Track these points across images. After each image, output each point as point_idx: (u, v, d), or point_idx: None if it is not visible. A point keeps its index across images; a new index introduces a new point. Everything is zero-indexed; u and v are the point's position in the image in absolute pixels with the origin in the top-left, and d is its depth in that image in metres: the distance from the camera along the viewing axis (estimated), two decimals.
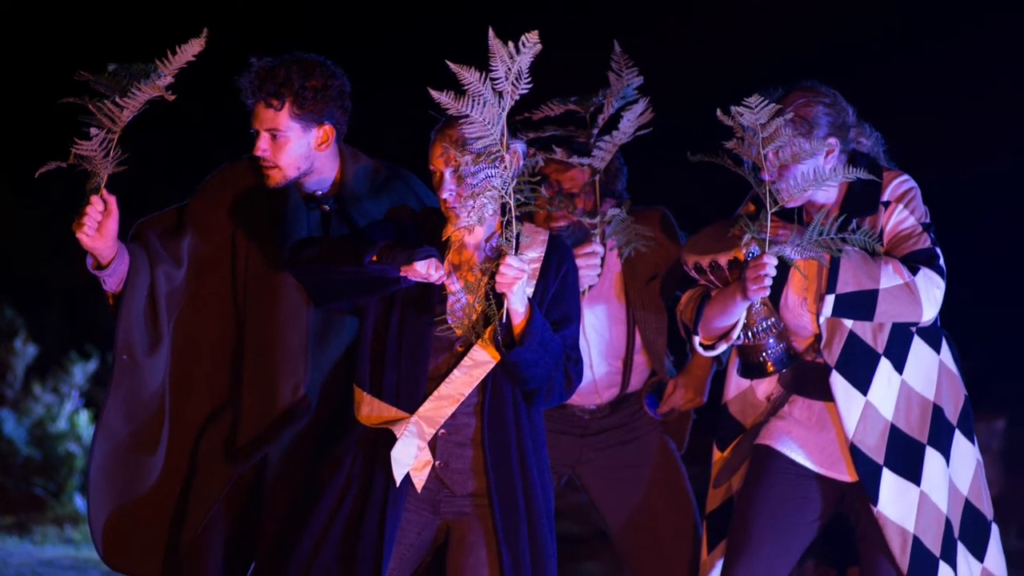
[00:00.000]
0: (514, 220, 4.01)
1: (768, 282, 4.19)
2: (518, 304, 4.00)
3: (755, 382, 4.52)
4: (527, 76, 3.93)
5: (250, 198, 4.32)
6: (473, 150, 4.01)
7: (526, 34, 3.91)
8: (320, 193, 4.34)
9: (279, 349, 4.26)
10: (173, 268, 4.30)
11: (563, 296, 4.16)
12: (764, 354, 4.37)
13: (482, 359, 4.07)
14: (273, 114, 4.22)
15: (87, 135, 4.02)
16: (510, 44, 3.91)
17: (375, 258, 4.05)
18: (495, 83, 3.92)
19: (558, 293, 4.15)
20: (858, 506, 4.38)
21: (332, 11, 10.26)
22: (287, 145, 4.24)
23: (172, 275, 4.30)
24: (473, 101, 3.93)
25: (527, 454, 4.12)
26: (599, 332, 4.83)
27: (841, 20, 9.22)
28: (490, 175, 4.00)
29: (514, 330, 4.02)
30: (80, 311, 10.75)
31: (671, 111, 4.88)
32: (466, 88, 3.92)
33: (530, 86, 3.95)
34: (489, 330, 4.05)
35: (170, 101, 4.06)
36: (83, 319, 10.65)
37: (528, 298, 4.03)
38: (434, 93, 3.92)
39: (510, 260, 3.95)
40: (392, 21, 10.17)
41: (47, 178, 4.10)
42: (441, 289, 4.11)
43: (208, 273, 4.34)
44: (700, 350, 4.45)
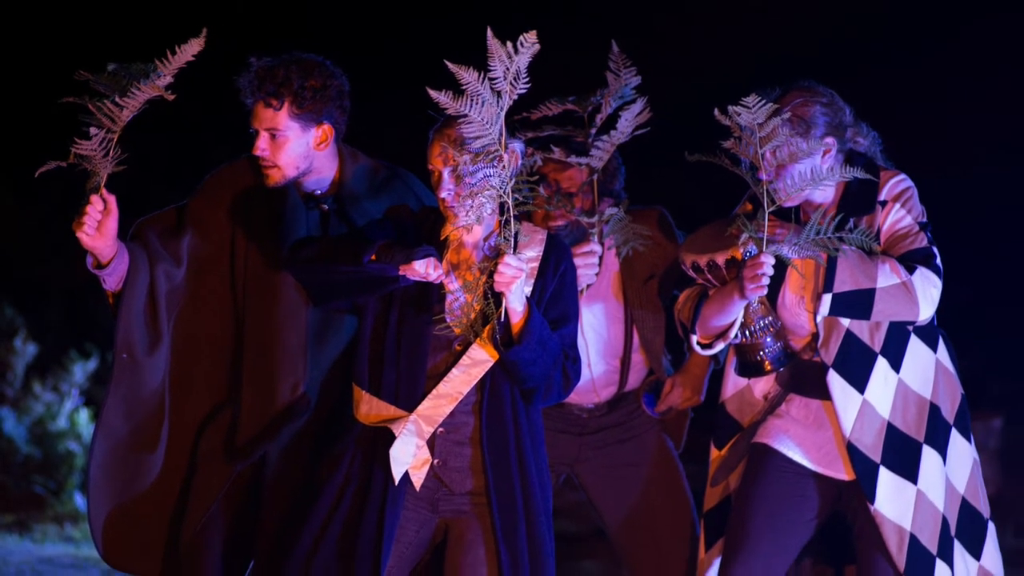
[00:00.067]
0: (512, 219, 4.01)
1: (765, 281, 4.19)
2: (516, 303, 4.01)
3: (752, 381, 4.52)
4: (525, 76, 3.93)
5: (249, 197, 4.33)
6: (471, 149, 4.01)
7: (524, 34, 3.91)
8: (319, 192, 4.34)
9: (278, 348, 4.26)
10: (173, 267, 4.30)
11: (561, 295, 4.16)
12: (761, 353, 4.37)
13: (480, 358, 4.07)
14: (272, 114, 4.22)
15: (87, 135, 4.02)
16: (508, 44, 3.91)
17: (374, 257, 4.05)
18: (493, 83, 3.92)
19: (556, 292, 4.16)
20: (855, 504, 4.38)
21: (332, 11, 10.26)
22: (286, 144, 4.24)
23: (172, 274, 4.30)
24: (472, 101, 3.93)
25: (525, 452, 4.12)
26: (597, 331, 4.83)
27: (840, 20, 9.22)
28: (488, 174, 4.00)
29: (512, 329, 4.02)
30: (80, 310, 10.75)
31: (669, 111, 4.88)
32: (465, 88, 3.92)
33: (528, 86, 3.95)
34: (487, 329, 4.05)
35: (170, 101, 4.06)
36: (83, 318, 10.64)
37: (526, 297, 4.03)
38: (433, 93, 3.93)
39: (508, 259, 3.96)
40: (392, 21, 10.17)
41: (47, 177, 4.10)
42: (440, 288, 4.11)
43: (208, 272, 4.34)
44: (698, 349, 4.45)
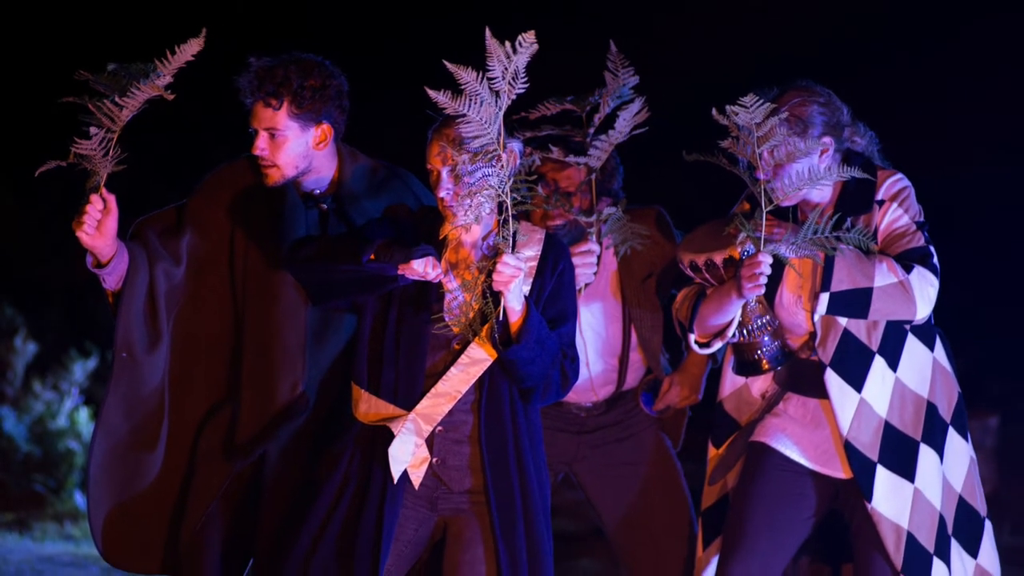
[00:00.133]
0: (511, 219, 4.02)
1: (763, 280, 4.19)
2: (515, 302, 4.01)
3: (750, 380, 4.53)
4: (524, 76, 3.93)
5: (249, 197, 4.33)
6: (470, 149, 4.01)
7: (523, 34, 3.91)
8: (318, 192, 4.35)
9: (278, 347, 4.27)
10: (172, 266, 4.30)
11: (559, 294, 4.17)
12: (759, 352, 4.37)
13: (479, 357, 4.08)
14: (271, 113, 4.23)
15: (87, 134, 4.02)
16: (507, 44, 3.91)
17: (373, 256, 4.05)
18: (492, 82, 3.93)
19: (554, 291, 4.16)
20: (852, 503, 4.38)
21: (332, 11, 10.26)
22: (285, 144, 4.25)
23: (171, 273, 4.30)
24: (470, 100, 3.93)
25: (524, 451, 4.12)
26: (595, 330, 4.83)
27: (840, 20, 9.22)
28: (487, 174, 4.00)
29: (511, 328, 4.02)
30: (80, 309, 10.75)
31: (667, 110, 4.88)
32: (463, 87, 3.92)
33: (527, 86, 3.96)
34: (486, 328, 4.05)
35: (169, 101, 4.07)
36: (83, 317, 10.65)
37: (525, 296, 4.04)
38: (431, 92, 3.93)
39: (507, 258, 3.96)
40: (392, 21, 10.17)
41: (47, 177, 4.10)
42: (438, 287, 4.11)
43: (207, 271, 4.34)
44: (696, 348, 4.45)
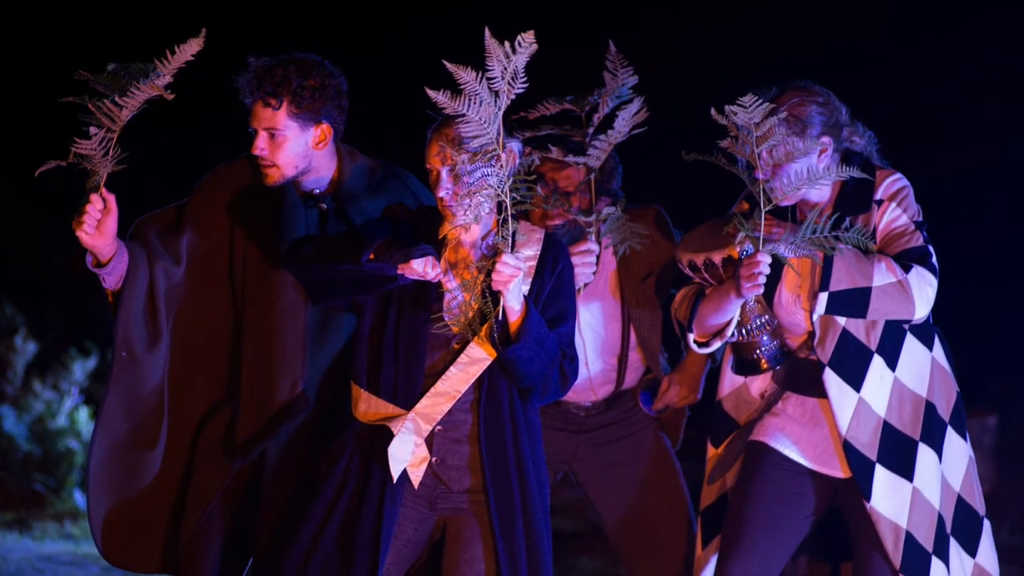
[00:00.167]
0: (510, 218, 4.02)
1: (762, 280, 4.20)
2: (514, 302, 4.01)
3: (749, 379, 4.53)
4: (523, 75, 3.94)
5: (248, 197, 4.33)
6: (469, 149, 4.01)
7: (522, 34, 3.92)
8: (318, 192, 4.35)
9: (277, 346, 4.27)
10: (172, 265, 4.31)
11: (559, 294, 4.17)
12: (758, 351, 4.37)
13: (478, 356, 4.08)
14: (271, 113, 4.23)
15: (87, 134, 4.03)
16: (506, 44, 3.92)
17: (372, 256, 4.05)
18: (491, 82, 3.93)
19: (554, 291, 4.17)
20: (851, 502, 4.38)
21: (332, 11, 10.26)
22: (285, 144, 4.25)
23: (171, 272, 4.31)
24: (469, 100, 3.93)
25: (523, 450, 4.13)
26: (594, 329, 4.84)
27: (840, 20, 9.21)
28: (486, 174, 4.01)
29: (510, 327, 4.03)
30: (80, 308, 10.76)
31: (666, 110, 4.88)
32: (463, 87, 3.93)
33: (526, 85, 3.96)
34: (485, 327, 4.06)
35: (169, 100, 4.08)
36: (83, 316, 10.65)
37: (524, 296, 4.04)
38: (431, 92, 3.93)
39: (506, 258, 3.97)
40: (392, 21, 10.17)
41: (47, 176, 4.11)
42: (438, 287, 4.11)
43: (207, 271, 4.34)
44: (694, 347, 4.45)
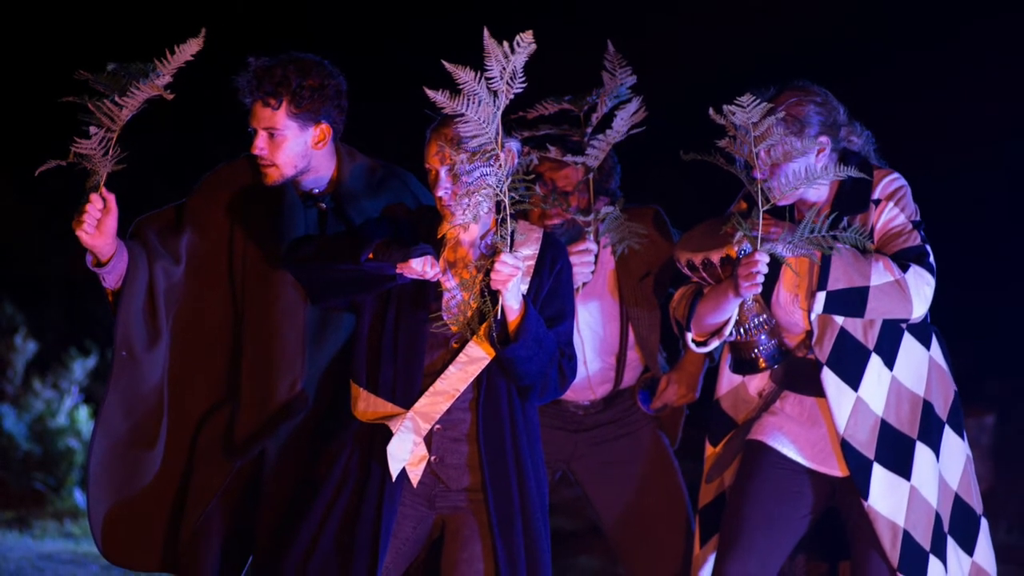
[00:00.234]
0: (509, 218, 4.02)
1: (760, 279, 4.20)
2: (513, 301, 4.02)
3: (747, 378, 4.54)
4: (522, 75, 3.94)
5: (248, 196, 4.34)
6: (468, 148, 4.02)
7: (521, 34, 3.92)
8: (317, 191, 4.36)
9: (277, 345, 4.27)
10: (172, 265, 4.31)
11: (557, 293, 4.18)
12: (756, 350, 4.38)
13: (477, 355, 4.09)
14: (270, 113, 4.24)
15: (87, 134, 4.03)
16: (505, 44, 3.93)
17: (371, 255, 4.06)
18: (490, 82, 3.93)
19: (552, 290, 4.17)
20: (849, 501, 4.39)
21: (332, 11, 10.26)
22: (284, 144, 4.26)
23: (171, 272, 4.31)
24: (468, 100, 3.94)
25: (522, 449, 4.13)
26: (593, 329, 4.84)
27: (840, 20, 9.21)
28: (485, 173, 4.01)
29: (509, 327, 4.03)
30: (80, 307, 10.76)
31: (664, 110, 4.89)
32: (461, 87, 3.93)
33: (525, 85, 3.96)
34: (484, 326, 4.06)
35: (169, 100, 4.08)
36: (83, 315, 10.65)
37: (523, 295, 4.05)
38: (430, 92, 3.94)
39: (505, 257, 3.97)
40: (392, 21, 10.17)
41: (47, 176, 4.11)
42: (437, 286, 4.12)
43: (206, 270, 4.34)
44: (693, 347, 4.46)
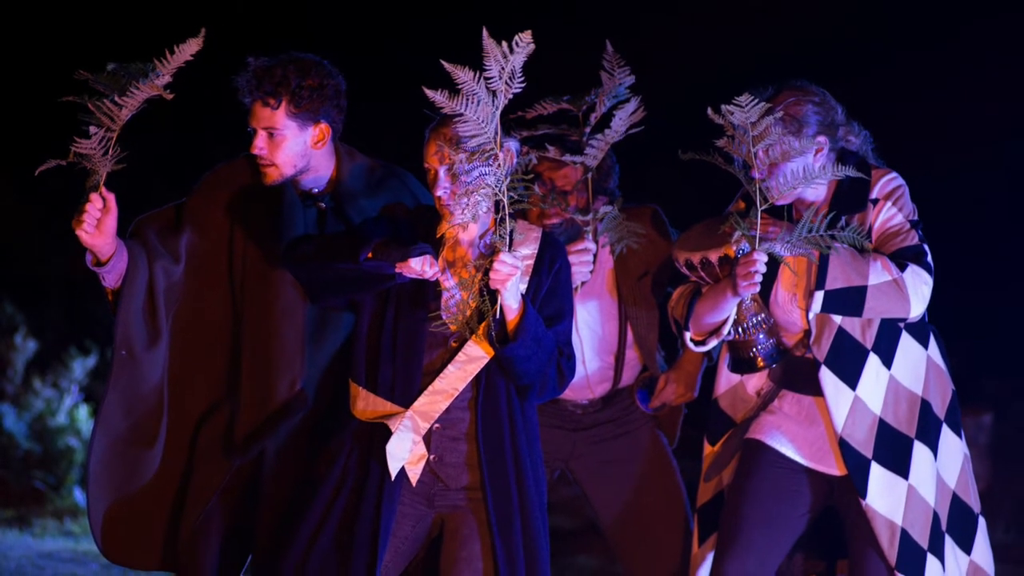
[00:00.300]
0: (508, 217, 4.03)
1: (758, 278, 4.21)
2: (512, 300, 4.02)
3: (745, 377, 4.54)
4: (521, 75, 3.94)
5: (247, 196, 4.34)
6: (467, 148, 4.02)
7: (519, 34, 3.93)
8: (316, 191, 4.36)
9: (276, 345, 4.28)
10: (171, 264, 4.31)
11: (556, 292, 4.18)
12: (754, 349, 4.38)
13: (476, 354, 4.09)
14: (270, 113, 4.24)
15: (87, 134, 4.03)
16: (504, 44, 3.93)
17: (370, 255, 4.06)
18: (489, 82, 3.94)
19: (551, 289, 4.17)
20: (847, 499, 4.39)
21: (332, 11, 10.26)
22: (284, 143, 4.26)
23: (170, 271, 4.31)
24: (467, 100, 3.94)
25: (520, 448, 4.14)
26: (591, 328, 4.85)
27: (840, 20, 9.21)
28: (484, 173, 4.01)
29: (508, 326, 4.03)
30: (80, 307, 10.76)
31: (662, 110, 4.89)
32: (460, 87, 3.94)
33: (523, 85, 3.97)
34: (483, 326, 4.06)
35: (169, 100, 4.09)
36: (82, 315, 10.65)
37: (521, 294, 4.05)
38: (429, 92, 3.94)
39: (504, 257, 3.98)
40: (391, 21, 10.17)
41: (47, 176, 4.12)
42: (436, 285, 4.12)
43: (206, 270, 4.35)
44: (691, 346, 4.46)
